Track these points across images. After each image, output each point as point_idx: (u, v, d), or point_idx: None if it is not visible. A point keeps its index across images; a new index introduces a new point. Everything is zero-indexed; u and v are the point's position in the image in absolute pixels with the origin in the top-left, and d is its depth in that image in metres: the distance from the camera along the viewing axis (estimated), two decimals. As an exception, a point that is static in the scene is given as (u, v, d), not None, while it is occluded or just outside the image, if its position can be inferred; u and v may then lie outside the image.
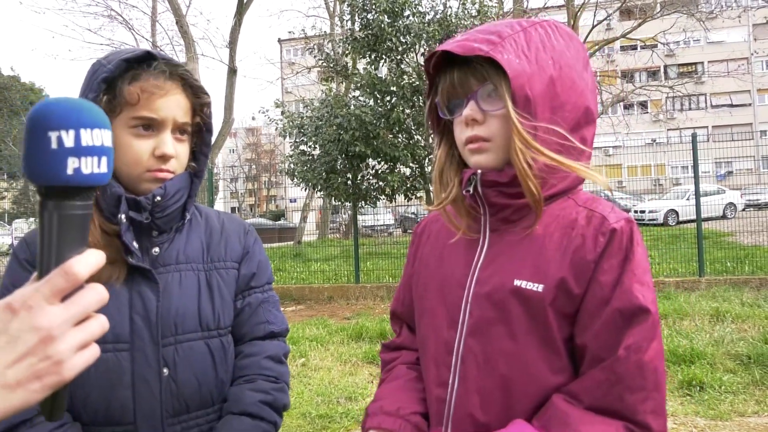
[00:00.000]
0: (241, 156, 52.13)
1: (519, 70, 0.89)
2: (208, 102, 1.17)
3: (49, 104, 0.53)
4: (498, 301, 0.93)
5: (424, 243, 1.15)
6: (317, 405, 4.11)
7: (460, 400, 0.96)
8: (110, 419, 1.05)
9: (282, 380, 1.22)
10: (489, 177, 0.94)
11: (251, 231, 1.31)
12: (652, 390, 0.85)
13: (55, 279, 0.52)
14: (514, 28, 0.94)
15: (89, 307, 0.54)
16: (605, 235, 0.90)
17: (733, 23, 23.69)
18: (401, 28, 7.71)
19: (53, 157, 0.52)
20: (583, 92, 0.95)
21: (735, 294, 6.93)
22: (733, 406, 3.73)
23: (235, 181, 47.96)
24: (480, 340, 0.95)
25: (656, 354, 0.86)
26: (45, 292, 0.51)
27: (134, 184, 1.08)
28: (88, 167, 0.53)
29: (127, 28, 17.08)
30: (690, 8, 17.42)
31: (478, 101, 0.94)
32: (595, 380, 0.86)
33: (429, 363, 1.04)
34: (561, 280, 0.90)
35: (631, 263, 0.88)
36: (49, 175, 0.52)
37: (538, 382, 0.91)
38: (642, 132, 32.90)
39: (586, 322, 0.89)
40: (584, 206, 0.95)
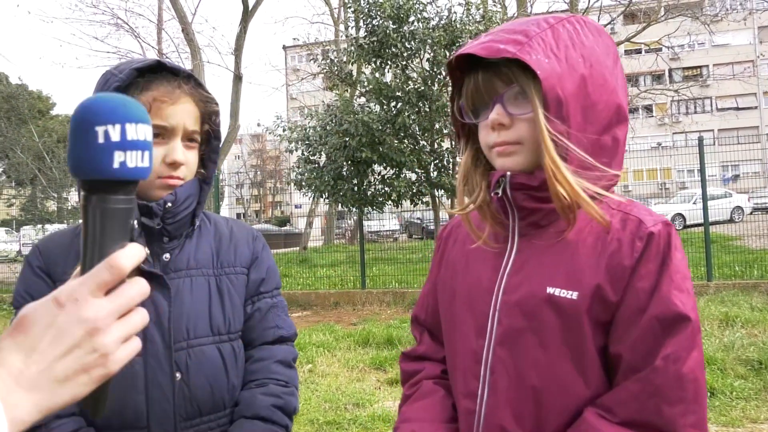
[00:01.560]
0: (246, 162, 52.31)
1: (549, 71, 0.84)
2: (216, 110, 1.19)
3: (96, 100, 0.55)
4: (529, 309, 0.90)
5: (450, 248, 1.11)
6: (325, 411, 4.10)
7: (491, 411, 0.92)
8: (124, 423, 1.06)
9: (292, 384, 1.23)
10: (518, 180, 0.91)
11: (259, 237, 1.33)
12: (693, 402, 0.80)
13: (100, 272, 0.52)
14: (541, 25, 0.89)
15: (132, 301, 0.54)
16: (642, 240, 0.86)
17: (738, 26, 23.65)
18: (406, 34, 7.73)
19: (100, 151, 0.53)
20: (614, 90, 0.91)
21: (744, 298, 6.87)
22: (745, 413, 3.69)
23: (241, 188, 48.12)
24: (510, 350, 0.91)
25: (697, 364, 0.82)
26: (90, 286, 0.52)
27: (145, 191, 1.10)
28: (132, 161, 0.55)
29: (133, 36, 17.21)
30: (694, 11, 17.39)
31: (504, 105, 0.90)
32: (630, 392, 0.82)
33: (457, 373, 1.01)
34: (596, 286, 0.86)
35: (669, 268, 0.84)
36: (96, 169, 0.53)
37: (570, 394, 0.87)
38: (647, 136, 32.82)
39: (621, 331, 0.85)
40: (618, 209, 0.91)
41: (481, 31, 7.82)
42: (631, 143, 24.55)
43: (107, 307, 0.52)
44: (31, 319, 0.51)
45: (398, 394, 4.37)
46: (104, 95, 0.56)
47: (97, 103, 0.54)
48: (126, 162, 0.54)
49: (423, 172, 8.37)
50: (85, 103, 0.54)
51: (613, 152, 0.92)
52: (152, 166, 0.58)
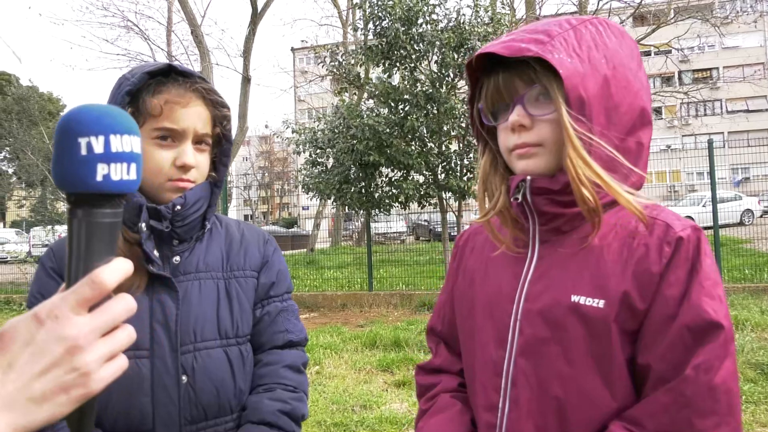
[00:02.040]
0: (254, 164, 52.48)
1: (572, 70, 0.83)
2: (227, 114, 1.20)
3: (80, 110, 0.53)
4: (553, 318, 0.87)
5: (468, 256, 1.08)
6: (332, 413, 4.11)
7: (512, 425, 0.89)
8: (130, 426, 1.06)
9: (300, 389, 1.22)
10: (539, 184, 0.88)
11: (271, 240, 1.33)
12: (726, 414, 0.77)
13: (82, 288, 0.50)
14: (563, 26, 0.88)
15: (117, 318, 0.52)
16: (671, 245, 0.83)
17: (748, 28, 23.50)
18: (415, 36, 7.74)
19: (83, 164, 0.51)
20: (638, 92, 0.89)
21: (754, 302, 6.82)
22: (755, 417, 3.66)
23: (249, 189, 48.24)
24: (532, 361, 0.88)
25: (730, 374, 0.78)
26: (71, 302, 0.50)
27: (156, 194, 1.11)
28: (117, 174, 0.53)
29: (143, 39, 17.35)
30: (704, 13, 17.29)
31: (525, 105, 0.88)
32: (660, 404, 0.79)
33: (476, 385, 0.97)
34: (624, 294, 0.83)
35: (699, 275, 0.81)
36: (79, 182, 0.52)
37: (597, 407, 0.84)
38: (657, 138, 32.61)
39: (650, 340, 0.82)
40: (645, 213, 0.87)
41: (490, 33, 7.82)
42: (640, 146, 24.38)
43: (89, 325, 0.50)
44: (10, 335, 0.49)
45: (405, 395, 4.37)
46: (90, 105, 0.54)
47: (80, 114, 0.52)
48: (110, 175, 0.52)
49: (431, 174, 8.37)
50: (70, 113, 0.52)
51: (637, 156, 0.89)
52: (140, 178, 0.56)
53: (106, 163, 0.52)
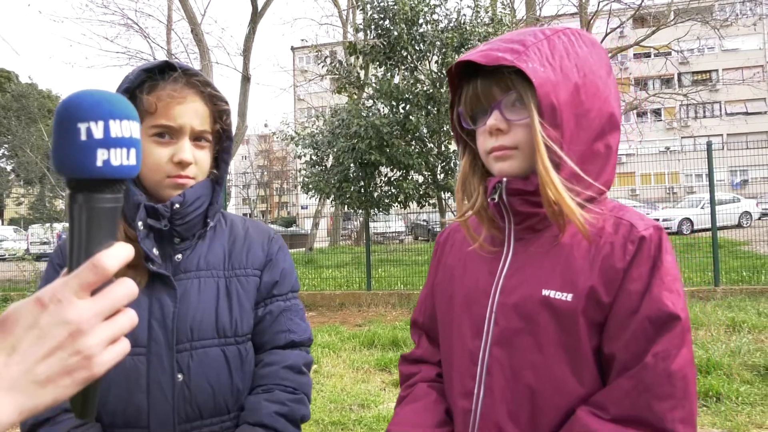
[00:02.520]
0: (253, 163, 52.47)
1: (544, 79, 0.88)
2: (226, 109, 1.18)
3: (78, 96, 0.53)
4: (526, 311, 0.92)
5: (448, 252, 1.14)
6: (330, 412, 4.11)
7: (487, 410, 0.95)
8: (127, 422, 1.07)
9: (301, 391, 1.20)
10: (514, 185, 0.94)
11: (276, 239, 1.31)
12: (682, 398, 0.83)
13: (84, 273, 0.51)
14: (538, 36, 0.94)
15: (119, 302, 0.53)
16: (634, 243, 0.89)
17: (748, 31, 23.54)
18: (416, 36, 7.75)
19: (82, 149, 0.51)
20: (607, 99, 0.94)
21: (751, 304, 6.85)
22: (751, 418, 3.67)
23: (248, 188, 48.22)
24: (506, 351, 0.94)
25: (686, 361, 0.85)
26: (74, 286, 0.50)
27: (157, 191, 1.11)
28: (117, 159, 0.53)
29: (142, 37, 17.33)
30: (704, 16, 17.32)
31: (502, 110, 0.94)
32: (622, 389, 0.85)
33: (453, 374, 1.03)
34: (591, 288, 0.89)
35: (660, 271, 0.87)
36: (79, 168, 0.52)
37: (565, 393, 0.90)
38: (656, 140, 32.69)
39: (614, 331, 0.88)
40: (611, 214, 0.94)
41: (490, 33, 7.84)
42: (639, 147, 24.43)
43: (91, 309, 0.50)
44: (13, 319, 0.50)
45: (403, 395, 4.38)
46: (88, 91, 0.54)
47: (79, 99, 0.53)
48: (110, 160, 0.52)
49: (430, 174, 8.38)
50: (68, 99, 0.53)
51: (606, 159, 0.95)
52: (140, 164, 0.57)
53: (106, 148, 0.52)
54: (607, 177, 0.96)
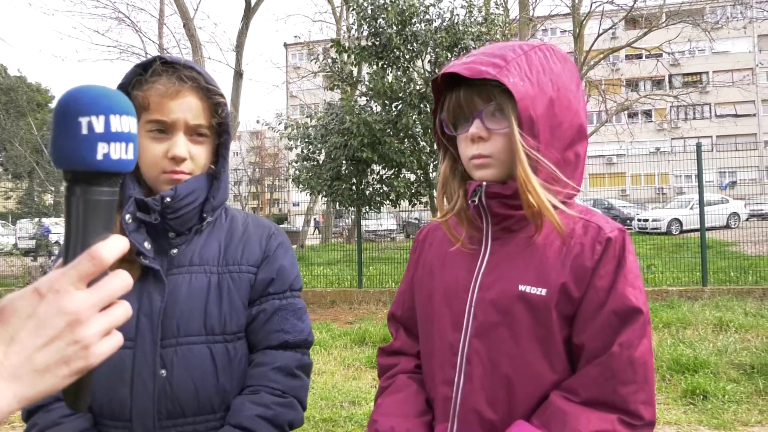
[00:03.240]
0: (245, 159, 52.26)
1: (524, 93, 0.95)
2: (222, 102, 1.16)
3: (80, 90, 0.54)
4: (503, 305, 0.99)
5: (427, 249, 1.20)
6: (321, 409, 4.12)
7: (467, 397, 1.01)
8: (112, 414, 1.07)
9: (290, 394, 1.16)
10: (493, 189, 1.01)
11: (276, 236, 1.28)
12: (643, 382, 0.92)
13: (82, 263, 0.51)
14: (517, 51, 1.00)
15: (115, 293, 0.53)
16: (602, 244, 0.98)
17: (738, 34, 23.76)
18: (409, 36, 7.76)
19: (84, 143, 0.53)
20: (577, 111, 1.02)
21: (738, 304, 6.93)
22: (737, 416, 3.73)
23: (239, 185, 48.04)
24: (484, 342, 1.01)
25: (646, 350, 0.94)
26: (72, 277, 0.51)
27: (155, 186, 1.12)
28: (117, 153, 0.54)
29: (134, 31, 17.18)
30: (695, 18, 17.45)
31: (483, 120, 1.00)
32: (590, 376, 0.93)
33: (434, 364, 1.09)
34: (562, 284, 0.97)
35: (624, 269, 0.96)
36: (80, 161, 0.53)
37: (539, 380, 0.98)
38: (646, 141, 32.92)
39: (584, 323, 0.96)
40: (581, 217, 1.03)
41: (483, 33, 7.86)
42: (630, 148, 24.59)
43: (89, 299, 0.51)
44: (11, 309, 0.50)
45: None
46: (88, 86, 0.54)
47: (81, 93, 0.54)
48: (110, 154, 0.53)
49: (422, 172, 8.40)
50: (69, 93, 0.54)
51: (575, 166, 1.04)
52: (136, 158, 0.58)
53: (107, 142, 0.53)
54: (576, 182, 1.04)
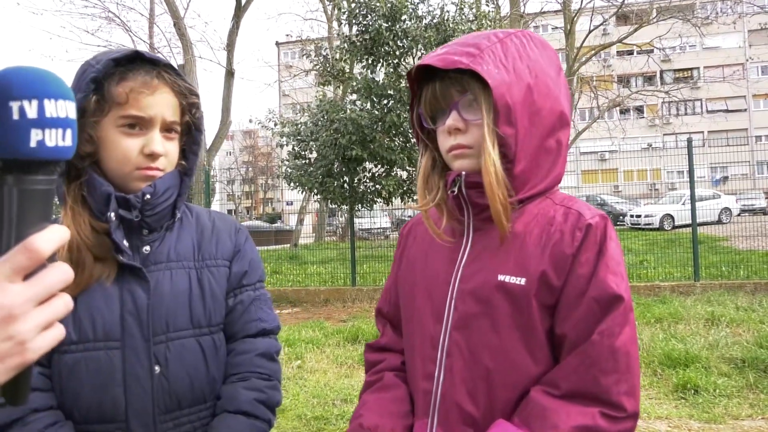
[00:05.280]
0: (238, 158, 52.11)
1: (499, 80, 0.93)
2: (197, 102, 1.17)
3: (9, 72, 0.50)
4: (483, 296, 0.98)
5: (411, 244, 1.19)
6: (313, 407, 4.11)
7: (447, 391, 0.99)
8: (102, 417, 1.05)
9: (275, 378, 1.22)
10: (472, 179, 0.99)
11: (242, 230, 1.32)
12: (625, 372, 0.89)
13: (16, 256, 0.48)
14: (491, 39, 0.99)
15: (53, 286, 0.51)
16: (582, 230, 0.95)
17: (728, 29, 23.89)
18: (398, 33, 7.74)
19: (15, 129, 0.49)
20: (557, 98, 1.00)
21: (730, 298, 6.96)
22: (727, 410, 3.74)
23: (232, 184, 47.89)
24: (465, 334, 0.99)
25: (629, 338, 0.91)
26: (5, 270, 0.48)
27: (124, 183, 1.09)
28: (52, 140, 0.51)
29: (124, 30, 17.13)
30: (686, 14, 17.54)
31: (459, 111, 0.99)
32: (571, 366, 0.91)
33: (415, 358, 1.08)
34: (542, 273, 0.95)
35: (605, 256, 0.94)
36: (11, 148, 0.49)
37: (521, 372, 0.95)
38: (638, 137, 33.05)
39: (565, 312, 0.94)
40: (561, 204, 1.01)
41: (474, 31, 7.84)
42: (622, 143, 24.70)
43: (24, 293, 0.49)
44: None
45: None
46: (21, 67, 0.50)
47: (11, 76, 0.49)
48: (44, 141, 0.50)
49: (414, 170, 8.38)
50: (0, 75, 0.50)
51: (557, 154, 1.02)
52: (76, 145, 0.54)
53: (41, 128, 0.50)
54: (558, 171, 1.03)
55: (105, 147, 1.07)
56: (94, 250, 1.07)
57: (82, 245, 1.05)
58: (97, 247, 1.07)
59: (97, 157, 1.08)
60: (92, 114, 1.05)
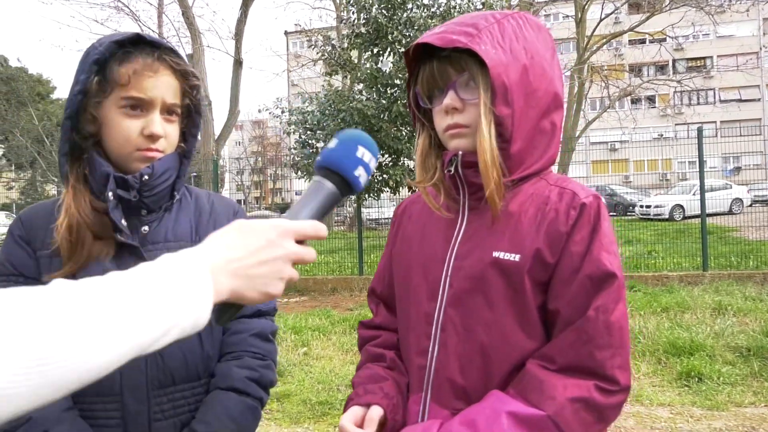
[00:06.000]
0: (247, 148, 52.22)
1: (496, 60, 0.94)
2: (197, 84, 1.19)
3: (364, 134, 0.82)
4: (477, 272, 0.99)
5: (406, 223, 1.20)
6: (318, 392, 4.16)
7: (441, 365, 1.02)
8: (99, 391, 1.08)
9: (269, 357, 1.24)
10: (468, 158, 1.00)
11: (240, 212, 1.33)
12: (619, 347, 0.92)
13: (309, 229, 0.72)
14: (489, 20, 1.00)
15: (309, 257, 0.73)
16: (576, 209, 0.97)
17: (742, 17, 23.51)
18: (404, 22, 7.71)
19: (354, 160, 0.78)
20: (552, 80, 1.02)
21: (738, 288, 6.92)
22: (730, 397, 3.74)
23: (241, 174, 48.04)
24: (459, 310, 1.01)
25: (622, 314, 0.93)
26: (296, 231, 0.71)
27: (124, 163, 1.11)
28: (362, 178, 0.79)
29: (133, 20, 17.14)
30: (699, 2, 17.27)
31: (457, 90, 1.00)
32: (567, 341, 0.93)
33: (410, 334, 1.10)
34: (536, 250, 0.96)
35: (599, 234, 0.95)
36: (342, 167, 0.77)
37: (514, 347, 0.97)
38: (649, 127, 32.71)
39: (559, 289, 0.96)
40: (556, 185, 1.02)
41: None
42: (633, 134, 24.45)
43: (297, 251, 0.71)
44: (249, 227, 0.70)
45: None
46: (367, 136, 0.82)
47: (365, 136, 0.82)
48: (359, 177, 0.79)
49: (421, 159, 8.39)
50: (360, 133, 0.83)
51: (551, 135, 1.04)
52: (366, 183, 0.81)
53: (363, 167, 0.79)
54: (553, 151, 1.05)
55: (107, 127, 1.10)
56: (94, 229, 1.09)
57: (82, 223, 1.08)
58: (96, 226, 1.09)
59: (100, 137, 1.11)
60: (95, 95, 1.08)
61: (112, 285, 0.61)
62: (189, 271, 0.65)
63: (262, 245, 0.69)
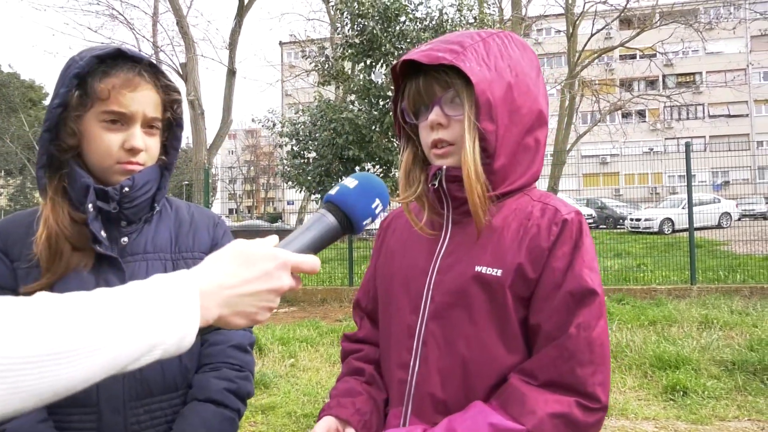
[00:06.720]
0: (239, 158, 52.16)
1: (481, 77, 0.96)
2: (178, 99, 1.20)
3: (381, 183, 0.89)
4: (459, 286, 1.00)
5: (390, 236, 1.21)
6: (303, 404, 4.14)
7: (422, 379, 1.02)
8: (75, 402, 1.06)
9: (246, 369, 1.25)
10: (453, 173, 1.02)
11: (221, 224, 1.34)
12: (600, 364, 0.93)
13: (305, 265, 0.76)
14: (474, 38, 1.02)
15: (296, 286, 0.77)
16: (558, 225, 0.98)
17: (730, 34, 23.87)
18: (396, 34, 7.77)
19: (368, 211, 0.84)
20: (536, 97, 1.03)
21: (725, 302, 6.96)
22: (715, 411, 3.76)
23: (233, 183, 47.91)
24: (441, 324, 1.01)
25: (603, 331, 0.94)
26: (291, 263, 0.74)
27: (105, 176, 1.12)
28: (369, 223, 0.86)
29: (128, 28, 17.14)
30: (688, 19, 17.54)
31: (442, 106, 1.01)
32: (549, 357, 0.93)
33: (391, 348, 1.10)
34: (518, 265, 0.97)
35: (581, 250, 0.96)
36: (353, 212, 0.83)
37: (495, 361, 0.98)
38: (639, 141, 33.01)
39: (540, 304, 0.97)
40: (539, 200, 1.04)
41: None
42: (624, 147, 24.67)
43: (290, 284, 0.74)
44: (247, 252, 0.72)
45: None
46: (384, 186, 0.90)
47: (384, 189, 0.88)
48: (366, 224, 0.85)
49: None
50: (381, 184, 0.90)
51: (535, 152, 1.05)
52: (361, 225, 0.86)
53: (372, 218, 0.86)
54: (536, 168, 1.07)
55: (87, 141, 1.10)
56: (72, 240, 1.10)
57: (61, 234, 1.08)
58: (75, 237, 1.10)
59: (80, 150, 1.11)
60: (75, 108, 1.08)
61: (97, 301, 0.61)
62: (178, 293, 0.65)
63: (257, 276, 0.70)
